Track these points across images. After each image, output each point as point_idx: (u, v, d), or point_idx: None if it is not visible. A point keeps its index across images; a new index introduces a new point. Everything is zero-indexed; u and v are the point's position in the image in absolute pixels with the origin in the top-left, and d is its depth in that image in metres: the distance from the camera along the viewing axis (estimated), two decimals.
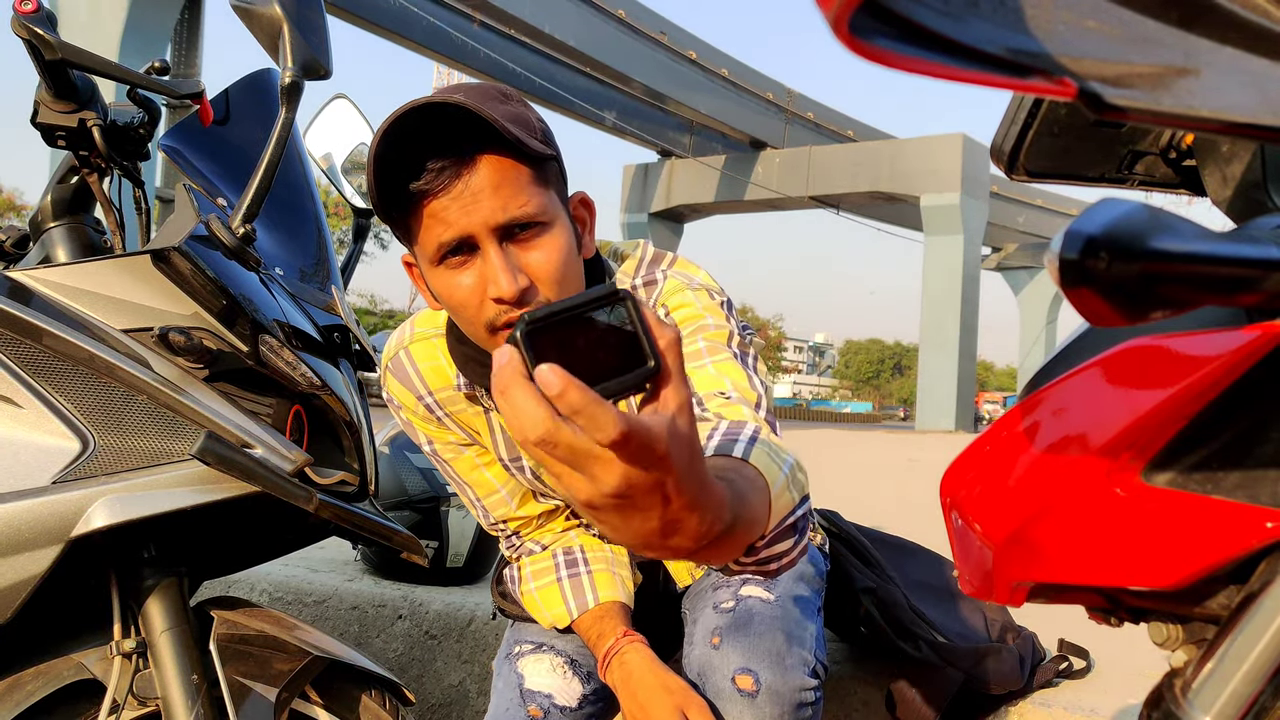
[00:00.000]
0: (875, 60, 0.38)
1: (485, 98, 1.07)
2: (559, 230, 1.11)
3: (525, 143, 1.05)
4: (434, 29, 20.85)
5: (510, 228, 1.08)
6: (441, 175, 1.05)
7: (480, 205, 1.06)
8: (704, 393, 1.10)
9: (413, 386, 1.35)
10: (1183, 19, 0.42)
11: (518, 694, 1.33)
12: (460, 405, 1.35)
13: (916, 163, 28.21)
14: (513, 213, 1.07)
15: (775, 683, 1.19)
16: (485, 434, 1.37)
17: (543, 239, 1.10)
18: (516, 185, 1.07)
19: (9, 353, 1.10)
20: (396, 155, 1.04)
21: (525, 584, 1.41)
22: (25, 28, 1.13)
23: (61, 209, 1.30)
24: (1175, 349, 0.55)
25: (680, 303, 1.22)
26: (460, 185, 1.05)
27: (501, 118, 1.04)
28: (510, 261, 1.07)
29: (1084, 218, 0.44)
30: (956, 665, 1.52)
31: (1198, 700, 0.55)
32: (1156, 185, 0.80)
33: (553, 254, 1.10)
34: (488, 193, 1.06)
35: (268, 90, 1.37)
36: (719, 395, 1.09)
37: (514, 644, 1.41)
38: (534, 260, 1.09)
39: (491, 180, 1.06)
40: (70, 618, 1.22)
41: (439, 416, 1.36)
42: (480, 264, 1.08)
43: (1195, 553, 0.55)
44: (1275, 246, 0.46)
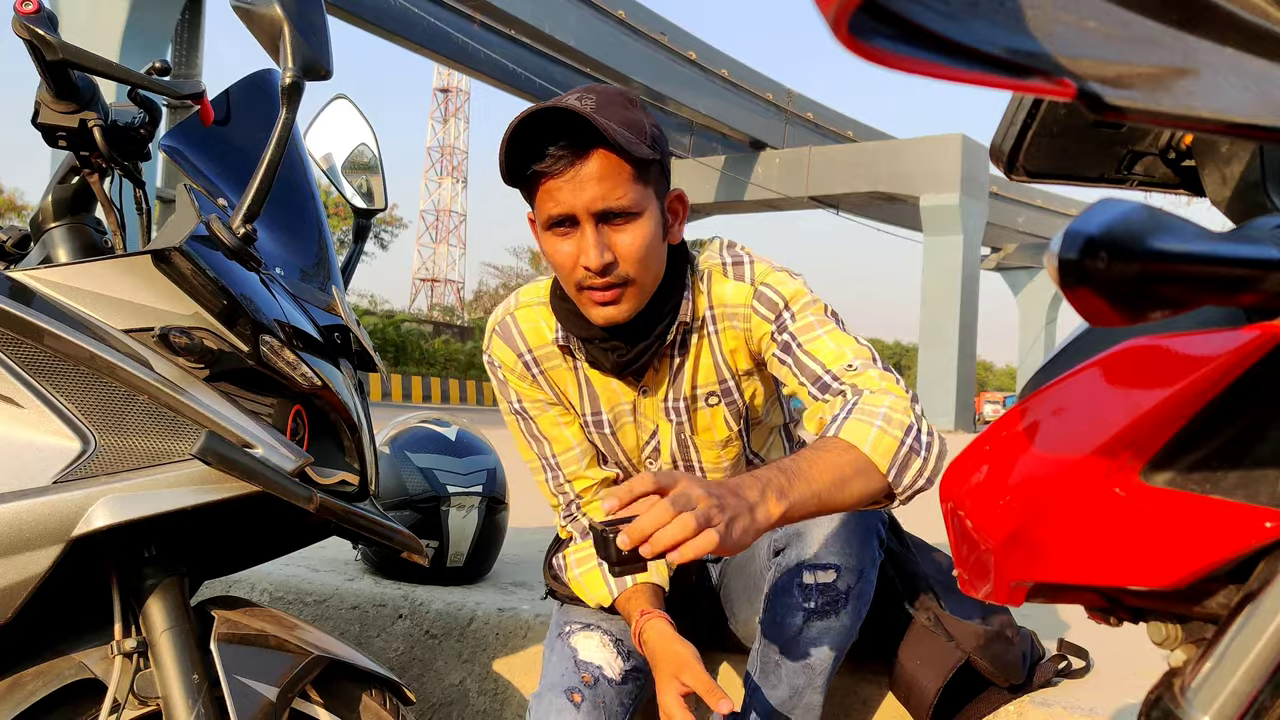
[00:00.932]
0: (875, 61, 0.38)
1: (609, 102, 1.33)
2: (647, 220, 1.35)
3: (629, 149, 1.28)
4: (434, 29, 20.83)
5: (606, 213, 1.33)
6: (559, 162, 1.30)
7: (585, 192, 1.31)
8: (834, 368, 1.36)
9: (515, 346, 1.54)
10: (1182, 20, 0.42)
11: (572, 664, 1.48)
12: (555, 362, 1.54)
13: (916, 163, 28.19)
14: (610, 203, 1.32)
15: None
16: (572, 389, 1.55)
17: (631, 226, 1.34)
18: (617, 180, 1.32)
19: (10, 353, 1.11)
20: (525, 137, 1.30)
21: (570, 570, 1.58)
22: (26, 28, 1.13)
23: (62, 209, 1.30)
24: (1174, 349, 0.55)
25: (778, 281, 1.45)
26: (572, 172, 1.31)
27: (618, 123, 1.30)
28: (602, 240, 1.34)
29: (1083, 218, 0.44)
30: (962, 644, 1.52)
31: (1197, 699, 0.55)
32: (1156, 186, 0.80)
33: (637, 239, 1.35)
34: (593, 182, 1.31)
35: (268, 91, 1.37)
36: (847, 369, 1.36)
37: (564, 624, 1.55)
38: (621, 242, 1.35)
39: (597, 173, 1.31)
40: (71, 617, 1.22)
41: (534, 374, 1.55)
42: (579, 237, 1.34)
43: (1194, 552, 0.55)
44: (1274, 247, 0.47)
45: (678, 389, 1.51)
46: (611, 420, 1.55)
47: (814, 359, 1.38)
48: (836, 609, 1.39)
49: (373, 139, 1.63)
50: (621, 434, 1.56)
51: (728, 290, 1.47)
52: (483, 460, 2.31)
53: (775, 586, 1.43)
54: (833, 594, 1.39)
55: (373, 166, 1.62)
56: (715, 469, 1.58)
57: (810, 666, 1.41)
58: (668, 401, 1.52)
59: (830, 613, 1.39)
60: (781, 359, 1.42)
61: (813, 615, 1.39)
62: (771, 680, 1.43)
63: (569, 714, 1.43)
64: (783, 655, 1.41)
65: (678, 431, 1.54)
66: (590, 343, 1.46)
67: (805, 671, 1.41)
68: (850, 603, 1.40)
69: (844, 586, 1.39)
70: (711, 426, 1.54)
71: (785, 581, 1.41)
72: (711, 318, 1.49)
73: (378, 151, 1.63)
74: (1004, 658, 1.55)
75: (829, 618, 1.39)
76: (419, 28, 20.63)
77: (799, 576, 1.39)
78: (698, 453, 1.56)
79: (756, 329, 1.45)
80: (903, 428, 1.25)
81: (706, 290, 1.48)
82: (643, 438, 1.56)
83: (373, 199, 1.62)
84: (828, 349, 1.38)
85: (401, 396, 27.27)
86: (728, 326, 1.48)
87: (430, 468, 2.21)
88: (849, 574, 1.39)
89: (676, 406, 1.52)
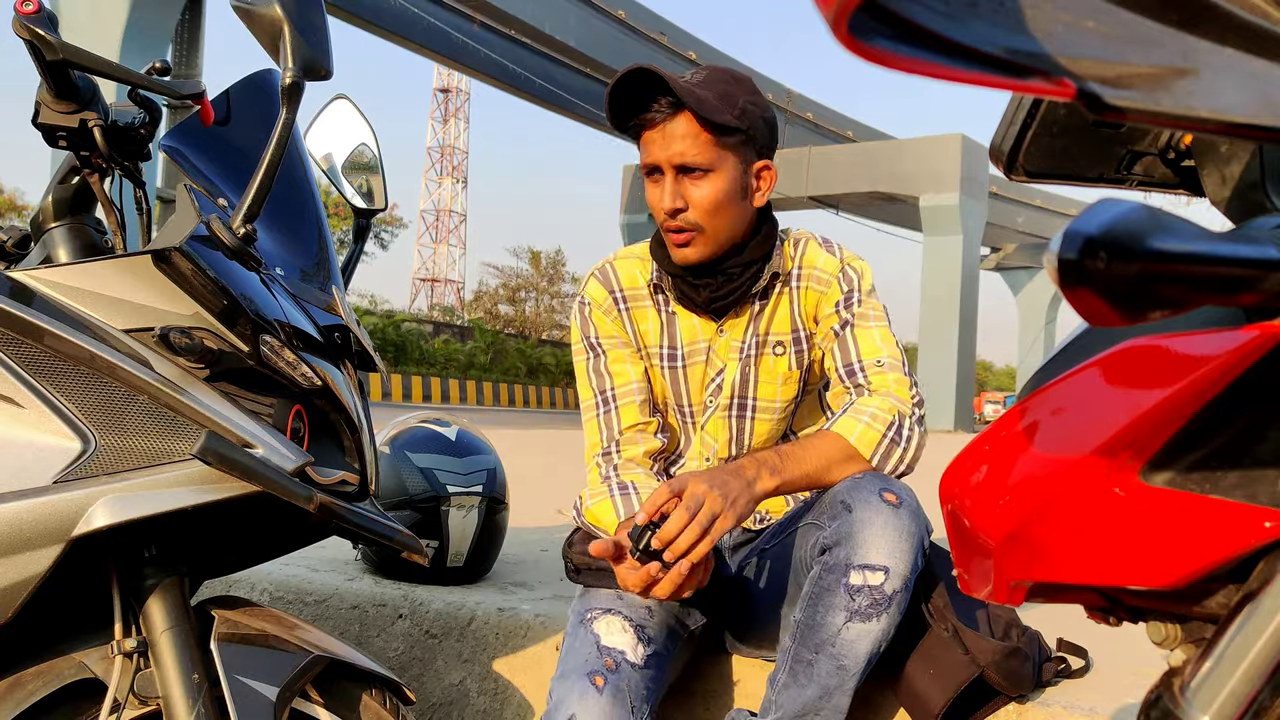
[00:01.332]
0: (874, 61, 0.38)
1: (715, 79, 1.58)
2: (719, 177, 1.58)
3: (707, 115, 1.52)
4: (434, 29, 20.83)
5: (684, 167, 1.57)
6: (656, 114, 1.56)
7: (669, 147, 1.57)
8: (865, 360, 1.61)
9: (609, 285, 1.76)
10: (1181, 20, 0.42)
11: (595, 649, 1.52)
12: (642, 303, 1.75)
13: (915, 163, 28.18)
14: (687, 159, 1.56)
15: (913, 505, 1.46)
16: (654, 327, 1.75)
17: (705, 181, 1.58)
18: (697, 141, 1.56)
19: (10, 352, 1.11)
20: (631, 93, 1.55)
21: (585, 504, 1.69)
22: (26, 28, 1.14)
23: (63, 209, 1.30)
24: (1174, 349, 0.55)
25: (861, 267, 1.70)
26: (660, 129, 1.57)
27: (710, 93, 1.54)
28: (677, 189, 1.58)
29: (1083, 218, 0.44)
30: (978, 659, 1.52)
31: (1196, 699, 0.55)
32: (1155, 186, 0.80)
33: (707, 192, 1.58)
34: (675, 139, 1.56)
35: (268, 91, 1.37)
36: (875, 364, 1.61)
37: (585, 611, 1.59)
38: (694, 193, 1.58)
39: (680, 132, 1.56)
40: (71, 617, 1.22)
41: (620, 310, 1.75)
42: (663, 185, 1.59)
43: (1193, 552, 0.55)
44: (1273, 247, 0.47)
45: (753, 331, 1.70)
46: (685, 356, 1.73)
47: (855, 345, 1.63)
48: (879, 612, 1.40)
49: (373, 139, 1.63)
50: (691, 370, 1.73)
51: (820, 257, 1.70)
52: (483, 460, 2.30)
53: (819, 585, 1.44)
54: (878, 596, 1.40)
55: (373, 166, 1.62)
56: (768, 409, 1.72)
57: (844, 668, 1.41)
58: (743, 340, 1.71)
59: (873, 615, 1.40)
60: (837, 333, 1.66)
61: (855, 616, 1.40)
62: (801, 680, 1.43)
63: (592, 695, 1.45)
64: (818, 654, 1.42)
65: (743, 368, 1.71)
66: (683, 279, 1.67)
67: (839, 673, 1.41)
68: (892, 607, 1.40)
69: (890, 590, 1.40)
70: (775, 370, 1.71)
71: (831, 581, 1.42)
72: (799, 275, 1.70)
73: (378, 151, 1.63)
74: (1018, 672, 1.55)
75: (870, 620, 1.40)
76: (419, 28, 20.63)
77: (846, 577, 1.40)
78: (756, 389, 1.72)
79: (831, 295, 1.68)
80: (885, 424, 1.53)
81: (799, 253, 1.71)
82: (710, 374, 1.73)
83: (373, 199, 1.62)
84: (871, 341, 1.63)
85: (401, 396, 27.26)
86: (810, 286, 1.70)
87: (430, 468, 2.21)
88: (896, 578, 1.40)
89: (749, 345, 1.71)
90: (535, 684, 1.94)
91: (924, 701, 1.53)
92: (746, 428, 1.72)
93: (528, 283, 50.50)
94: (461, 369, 32.07)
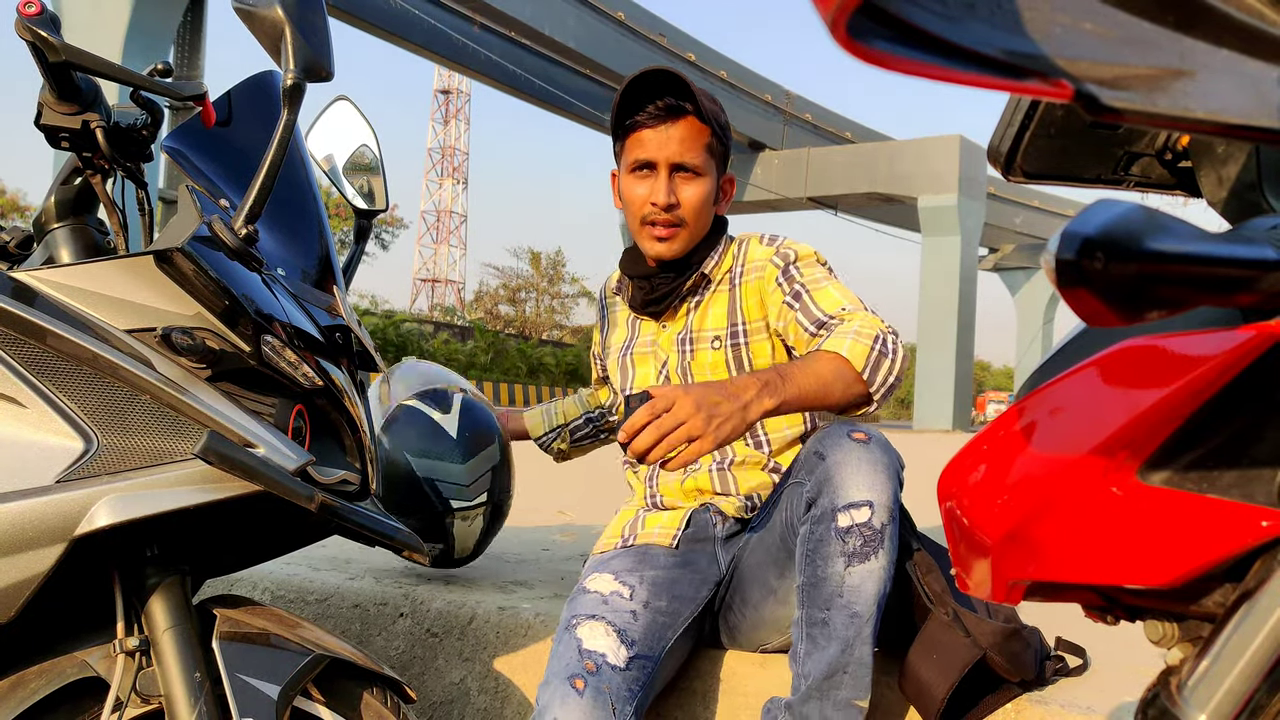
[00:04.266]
0: (873, 62, 0.38)
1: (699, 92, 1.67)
2: (707, 181, 1.74)
3: (710, 119, 1.68)
4: (434, 31, 20.83)
5: (681, 166, 1.70)
6: (655, 116, 1.68)
7: (670, 146, 1.69)
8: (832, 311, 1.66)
9: (602, 290, 2.06)
10: (1178, 21, 0.42)
11: (576, 653, 1.54)
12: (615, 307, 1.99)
13: (914, 164, 28.19)
14: (687, 159, 1.70)
15: (882, 441, 1.50)
16: (623, 325, 1.94)
17: (696, 182, 1.72)
18: (697, 143, 1.70)
19: (13, 352, 1.11)
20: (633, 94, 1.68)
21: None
22: (29, 30, 1.14)
23: (65, 210, 1.30)
24: (1171, 349, 0.55)
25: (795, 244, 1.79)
26: (663, 128, 1.69)
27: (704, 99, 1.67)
28: (671, 186, 1.71)
29: (1080, 219, 0.44)
30: (980, 641, 1.52)
31: (1193, 698, 0.56)
32: (1152, 186, 0.81)
33: (698, 193, 1.73)
34: (676, 140, 1.68)
35: (270, 92, 1.37)
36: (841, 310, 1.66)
37: (571, 617, 1.61)
38: (685, 192, 1.72)
39: (683, 133, 1.69)
40: (74, 616, 1.22)
41: (602, 304, 2.05)
42: (654, 180, 1.72)
43: (1191, 551, 0.55)
44: (1270, 247, 0.47)
45: (687, 327, 1.82)
46: (636, 348, 1.89)
47: (818, 305, 1.68)
48: (874, 549, 1.42)
49: (374, 140, 1.63)
50: (640, 361, 1.88)
51: (758, 251, 1.80)
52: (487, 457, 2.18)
53: (812, 540, 1.46)
54: (868, 532, 1.42)
55: (374, 167, 1.63)
56: None
57: (857, 615, 1.42)
58: (679, 335, 1.83)
59: (869, 554, 1.42)
60: (791, 305, 1.70)
61: (853, 558, 1.42)
62: (820, 641, 1.44)
63: (572, 699, 1.46)
64: (829, 609, 1.43)
65: (680, 361, 1.82)
66: (634, 279, 1.83)
67: (853, 622, 1.43)
68: (885, 543, 1.43)
69: (878, 524, 1.43)
70: (709, 365, 1.79)
71: (821, 532, 1.45)
72: (740, 273, 1.80)
73: (379, 152, 1.63)
74: (1021, 656, 1.55)
75: (868, 560, 1.42)
76: (419, 29, 20.63)
77: (834, 521, 1.43)
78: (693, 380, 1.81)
79: (769, 274, 1.75)
80: (871, 337, 1.56)
81: (742, 253, 1.81)
82: (656, 366, 1.86)
83: (374, 200, 1.62)
84: (831, 297, 1.68)
85: None
86: (750, 278, 1.78)
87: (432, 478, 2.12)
88: (882, 510, 1.43)
89: (684, 339, 1.82)
90: (535, 683, 1.94)
91: (928, 689, 1.52)
92: None
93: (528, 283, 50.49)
94: (462, 369, 32.03)
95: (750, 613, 1.70)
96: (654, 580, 1.67)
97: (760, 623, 1.69)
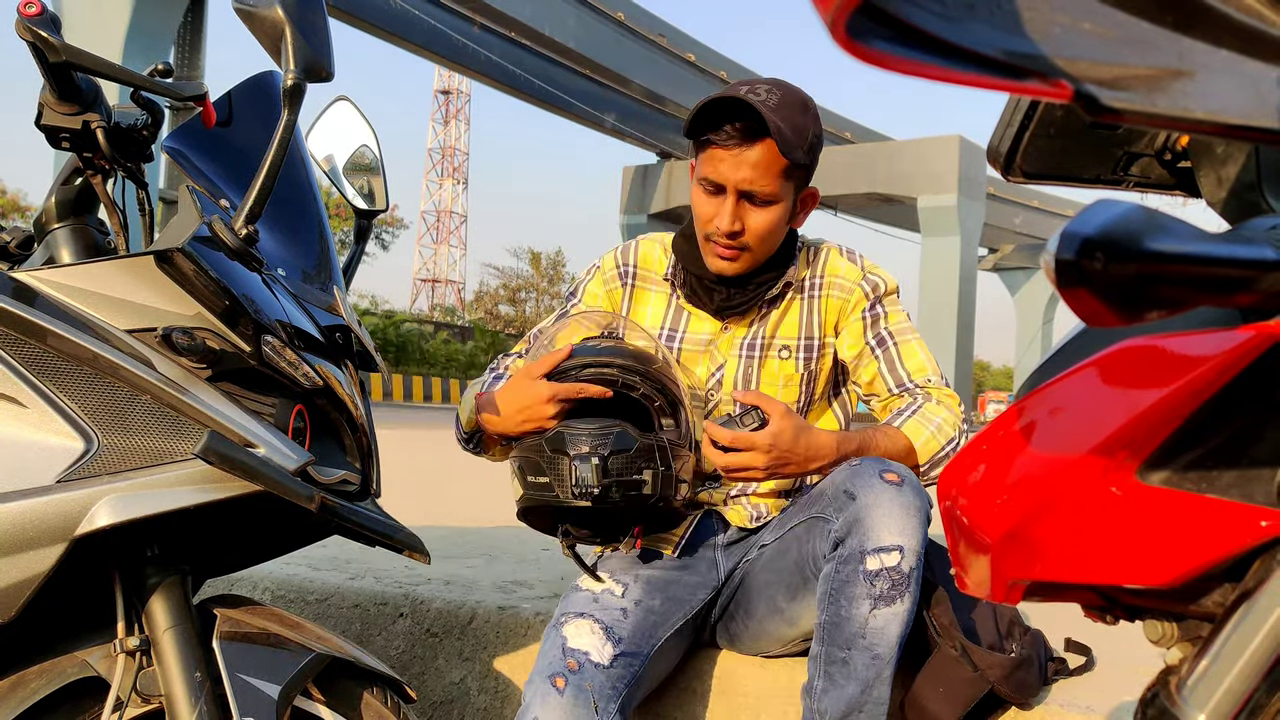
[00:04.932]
0: (872, 62, 0.38)
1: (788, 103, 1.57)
2: (779, 208, 1.63)
3: (787, 153, 1.55)
4: (434, 31, 20.82)
5: (751, 194, 1.60)
6: (729, 140, 1.57)
7: (739, 172, 1.59)
8: (918, 379, 1.70)
9: (625, 259, 1.83)
10: (1178, 22, 0.42)
11: (560, 651, 1.53)
12: (652, 285, 1.82)
13: (913, 164, 28.18)
14: (756, 187, 1.59)
15: (914, 481, 1.49)
16: (659, 311, 1.80)
17: (765, 210, 1.62)
18: (770, 171, 1.59)
19: (14, 353, 1.11)
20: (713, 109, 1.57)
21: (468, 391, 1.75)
22: (30, 30, 1.14)
23: (66, 210, 1.30)
24: (1170, 349, 0.55)
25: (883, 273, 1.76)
26: (736, 152, 1.58)
27: (787, 125, 1.54)
28: (738, 212, 1.61)
29: (1080, 219, 0.44)
30: (988, 675, 1.52)
31: (1193, 697, 0.56)
32: (1152, 187, 0.81)
33: (766, 222, 1.63)
34: (748, 167, 1.58)
35: (270, 92, 1.37)
36: (927, 380, 1.70)
37: (560, 615, 1.61)
38: (753, 220, 1.62)
39: (756, 159, 1.58)
40: (74, 616, 1.23)
41: (624, 284, 1.82)
42: (721, 201, 1.62)
43: (1190, 551, 0.55)
44: (1269, 247, 0.47)
45: (758, 332, 1.74)
46: (684, 341, 1.77)
47: (904, 365, 1.71)
48: (901, 593, 1.41)
49: (374, 140, 1.63)
50: (690, 360, 1.76)
51: (842, 265, 1.75)
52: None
53: (838, 579, 1.45)
54: (897, 576, 1.41)
55: (374, 168, 1.62)
56: None
57: (879, 657, 1.42)
58: (745, 339, 1.74)
59: (895, 597, 1.41)
60: (874, 349, 1.72)
61: (879, 601, 1.41)
62: (839, 680, 1.43)
63: (553, 698, 1.46)
64: (850, 649, 1.42)
65: (745, 367, 1.74)
66: (699, 280, 1.72)
67: (875, 664, 1.42)
68: (912, 586, 1.42)
69: (907, 569, 1.41)
70: (778, 372, 1.74)
71: (849, 573, 1.43)
72: (819, 284, 1.75)
73: (379, 153, 1.63)
74: (1026, 682, 1.55)
75: (894, 603, 1.41)
76: (420, 30, 20.63)
77: (863, 564, 1.42)
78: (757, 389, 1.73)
79: (855, 302, 1.73)
80: (947, 439, 1.63)
81: (820, 262, 1.76)
82: (710, 368, 1.76)
83: (374, 200, 1.62)
84: (918, 359, 1.71)
85: (402, 396, 27.27)
86: (832, 294, 1.74)
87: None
88: (911, 555, 1.42)
89: (752, 345, 1.74)
90: None
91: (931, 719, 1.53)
92: None
93: (528, 283, 50.50)
94: (462, 369, 32.04)
95: (754, 625, 1.69)
96: (649, 579, 1.66)
97: (762, 634, 1.69)
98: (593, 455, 1.47)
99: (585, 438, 1.48)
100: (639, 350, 1.59)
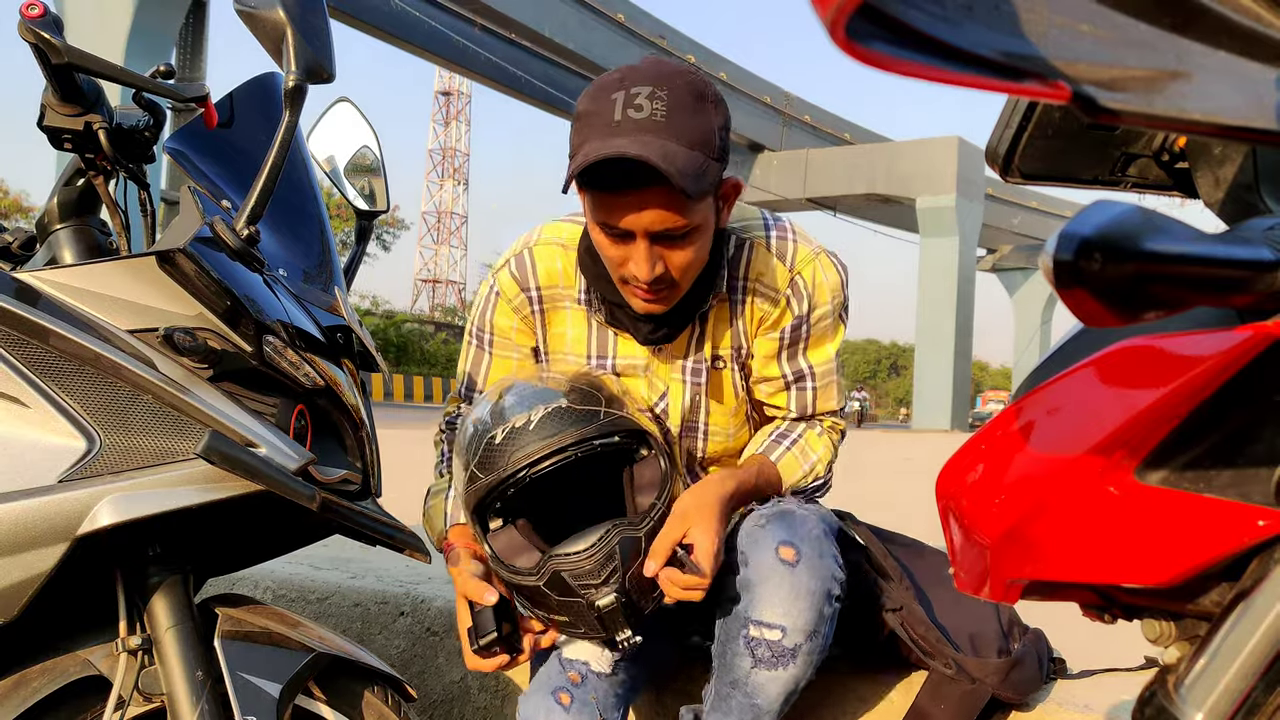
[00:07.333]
0: (871, 64, 0.38)
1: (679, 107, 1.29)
2: (699, 232, 1.37)
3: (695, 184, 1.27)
4: (435, 32, 20.82)
5: (663, 233, 1.34)
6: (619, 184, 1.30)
7: (643, 217, 1.32)
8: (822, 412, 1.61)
9: (524, 281, 1.58)
10: (1175, 23, 0.43)
11: (558, 664, 1.48)
12: (562, 305, 1.58)
13: (912, 165, 28.20)
14: (667, 226, 1.33)
15: (813, 559, 1.35)
16: (579, 333, 1.58)
17: (685, 245, 1.37)
18: (675, 207, 1.31)
19: (16, 353, 1.11)
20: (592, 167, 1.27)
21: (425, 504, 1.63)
22: (32, 32, 1.14)
23: (68, 211, 1.31)
24: (1168, 349, 0.55)
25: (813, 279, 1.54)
26: (633, 197, 1.31)
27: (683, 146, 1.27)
28: (654, 255, 1.36)
29: (1078, 220, 0.45)
30: (986, 683, 1.51)
31: (1190, 696, 0.56)
32: (1149, 187, 0.81)
33: (689, 253, 1.38)
34: (651, 211, 1.31)
35: (271, 94, 1.37)
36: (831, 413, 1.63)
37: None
38: (674, 258, 1.37)
39: (655, 201, 1.30)
40: (76, 615, 1.23)
41: (533, 310, 1.59)
42: (630, 246, 1.36)
43: (1188, 550, 0.56)
44: (1267, 248, 0.47)
45: (698, 354, 1.57)
46: (619, 371, 1.59)
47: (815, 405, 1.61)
48: (783, 662, 1.35)
49: (375, 141, 1.63)
50: (630, 384, 1.57)
51: (769, 265, 1.52)
52: None
53: (725, 631, 1.39)
54: (778, 650, 1.35)
55: (375, 169, 1.63)
56: (720, 429, 1.63)
57: (758, 706, 1.38)
58: (687, 363, 1.57)
59: (778, 665, 1.35)
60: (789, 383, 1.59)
61: (759, 664, 1.36)
62: (722, 709, 1.41)
63: (557, 714, 1.42)
64: (733, 690, 1.39)
65: (693, 394, 1.58)
66: (621, 308, 1.50)
67: (754, 709, 1.38)
68: (799, 657, 1.35)
69: (791, 644, 1.34)
70: (722, 389, 1.60)
71: (734, 629, 1.38)
72: (744, 287, 1.54)
73: (380, 154, 1.63)
74: (1025, 680, 1.54)
75: (777, 669, 1.35)
76: (420, 31, 20.63)
77: (745, 629, 1.36)
78: (707, 415, 1.61)
79: (777, 318, 1.54)
80: (816, 478, 1.58)
81: (745, 260, 1.52)
82: (653, 396, 1.59)
83: (375, 201, 1.62)
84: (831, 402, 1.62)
85: (403, 396, 27.28)
86: (756, 300, 1.54)
87: None
88: (796, 634, 1.34)
89: (696, 369, 1.57)
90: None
91: None
92: (699, 446, 1.64)
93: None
94: None
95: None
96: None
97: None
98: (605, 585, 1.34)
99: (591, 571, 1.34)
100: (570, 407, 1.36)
